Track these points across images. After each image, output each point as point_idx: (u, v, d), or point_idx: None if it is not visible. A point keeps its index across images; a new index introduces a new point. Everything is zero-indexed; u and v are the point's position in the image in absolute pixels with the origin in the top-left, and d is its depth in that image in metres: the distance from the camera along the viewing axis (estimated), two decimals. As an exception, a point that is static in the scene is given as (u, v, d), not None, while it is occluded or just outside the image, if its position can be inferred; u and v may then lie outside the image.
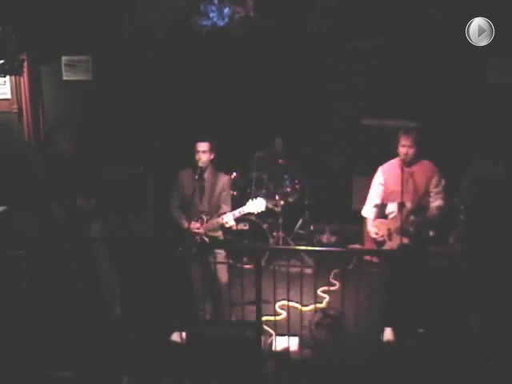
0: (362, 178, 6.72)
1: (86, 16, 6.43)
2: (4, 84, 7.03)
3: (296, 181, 6.74)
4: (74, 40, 6.89)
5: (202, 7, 6.24)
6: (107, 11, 6.36)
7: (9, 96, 7.09)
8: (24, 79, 6.89)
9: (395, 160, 4.60)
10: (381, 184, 4.67)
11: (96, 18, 6.42)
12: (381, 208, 4.69)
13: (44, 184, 5.15)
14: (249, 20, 6.31)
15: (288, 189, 6.67)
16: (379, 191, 4.68)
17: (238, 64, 6.87)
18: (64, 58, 7.16)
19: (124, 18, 6.47)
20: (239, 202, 4.74)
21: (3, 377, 4.10)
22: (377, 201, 4.70)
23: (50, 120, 7.09)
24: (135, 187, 6.76)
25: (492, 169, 4.67)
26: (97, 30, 6.55)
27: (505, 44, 5.85)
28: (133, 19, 6.42)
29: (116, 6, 6.36)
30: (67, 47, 7.05)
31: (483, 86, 6.46)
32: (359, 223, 6.78)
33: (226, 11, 6.22)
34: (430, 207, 4.54)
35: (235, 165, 6.77)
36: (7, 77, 6.83)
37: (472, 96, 6.45)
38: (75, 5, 6.40)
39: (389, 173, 4.62)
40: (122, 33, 6.52)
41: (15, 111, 7.08)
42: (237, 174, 6.66)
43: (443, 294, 4.47)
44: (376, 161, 4.87)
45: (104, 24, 6.44)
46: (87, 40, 6.88)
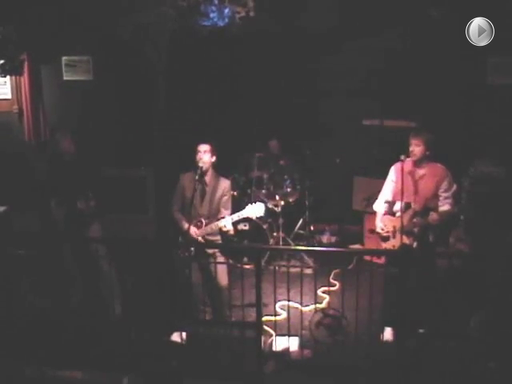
0: (363, 178, 6.75)
1: (87, 16, 6.42)
2: (4, 84, 7.05)
3: (295, 181, 6.74)
4: (75, 40, 6.89)
5: (203, 7, 6.24)
6: (107, 11, 6.36)
7: (9, 96, 7.10)
8: (24, 79, 6.90)
9: (408, 160, 4.63)
10: (393, 181, 4.75)
11: (96, 18, 6.41)
12: (391, 204, 4.77)
13: (44, 184, 5.16)
14: (249, 20, 6.31)
15: (288, 189, 6.68)
16: (391, 188, 4.76)
17: (238, 64, 6.88)
18: (64, 58, 7.18)
19: (124, 18, 6.47)
20: (240, 203, 4.73)
21: (3, 377, 4.10)
22: (388, 197, 4.77)
23: (51, 120, 7.10)
24: (136, 188, 6.77)
25: (493, 169, 4.67)
26: (97, 31, 6.55)
27: (505, 44, 5.85)
28: (133, 19, 6.42)
29: (116, 6, 6.36)
30: (67, 47, 7.06)
31: (483, 86, 6.46)
32: (360, 223, 6.83)
33: (227, 11, 6.21)
34: (439, 211, 4.54)
35: (235, 165, 6.79)
36: (8, 77, 6.85)
37: (472, 96, 6.45)
38: (75, 5, 6.40)
39: (399, 171, 4.64)
40: (123, 33, 6.51)
41: (16, 111, 7.10)
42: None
43: (444, 294, 4.47)
44: (376, 161, 4.87)
45: (104, 24, 6.43)
46: (87, 40, 6.89)
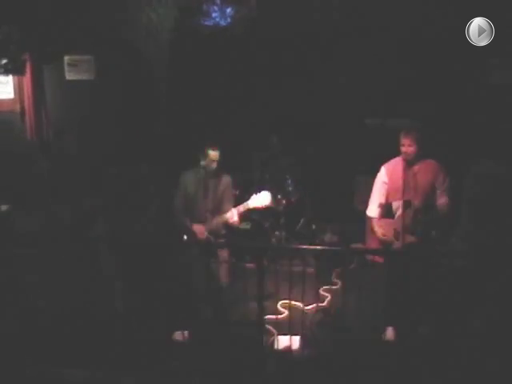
0: (365, 178, 6.75)
1: (89, 16, 6.43)
2: (7, 83, 7.05)
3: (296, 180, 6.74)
4: (77, 40, 6.90)
5: (205, 7, 6.25)
6: (109, 11, 6.37)
7: (12, 95, 7.10)
8: (27, 79, 6.90)
9: (398, 158, 4.60)
10: (384, 182, 4.64)
11: (98, 18, 6.42)
12: (386, 207, 4.65)
13: (47, 183, 5.17)
14: (251, 19, 6.32)
15: (290, 188, 6.67)
16: (383, 190, 4.64)
17: (240, 63, 6.88)
18: (66, 58, 7.17)
19: (126, 18, 6.48)
20: (240, 203, 4.74)
21: (4, 376, 4.11)
22: (381, 200, 4.65)
23: (53, 119, 7.11)
24: (138, 186, 6.78)
25: (494, 168, 4.67)
26: (99, 30, 6.56)
27: (506, 44, 5.84)
28: (135, 19, 6.43)
29: (118, 6, 6.37)
30: (70, 47, 7.06)
31: (484, 86, 6.46)
32: (361, 223, 6.83)
33: (229, 11, 6.22)
34: (437, 204, 4.53)
35: (236, 164, 6.79)
36: (10, 76, 6.85)
37: (473, 96, 6.45)
38: (77, 4, 6.41)
39: (392, 171, 4.61)
40: (125, 32, 6.52)
41: (18, 110, 7.10)
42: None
43: (445, 294, 4.47)
44: (378, 160, 4.85)
45: (106, 23, 6.44)
46: (90, 40, 6.89)
